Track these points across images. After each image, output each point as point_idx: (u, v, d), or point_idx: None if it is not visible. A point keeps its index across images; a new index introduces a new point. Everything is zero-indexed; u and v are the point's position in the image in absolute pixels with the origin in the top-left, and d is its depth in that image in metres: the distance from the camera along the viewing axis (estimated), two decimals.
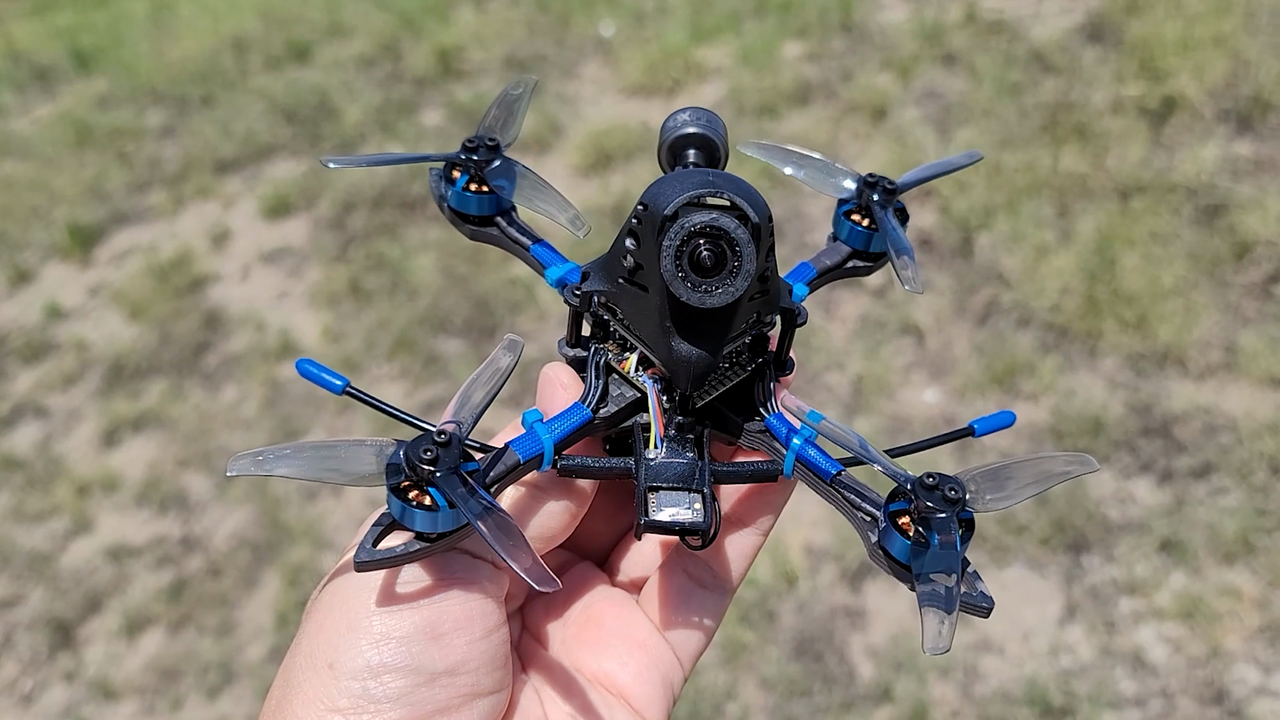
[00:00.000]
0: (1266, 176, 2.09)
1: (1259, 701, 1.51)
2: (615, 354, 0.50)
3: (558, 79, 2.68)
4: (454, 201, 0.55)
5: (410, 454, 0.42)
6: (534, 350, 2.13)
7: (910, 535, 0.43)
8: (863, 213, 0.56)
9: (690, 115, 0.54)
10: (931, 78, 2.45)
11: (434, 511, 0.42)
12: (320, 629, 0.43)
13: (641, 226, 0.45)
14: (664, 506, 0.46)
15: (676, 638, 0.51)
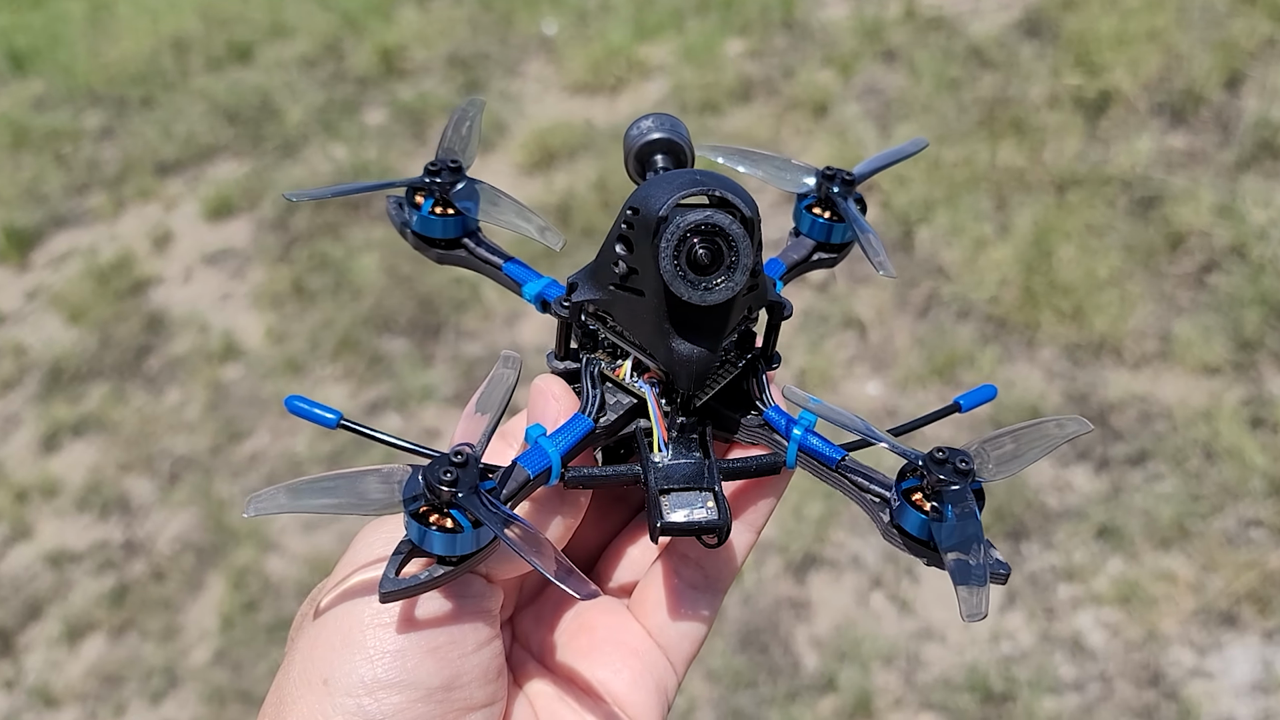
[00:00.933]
0: (1199, 168, 2.13)
1: (1193, 683, 1.54)
2: (608, 362, 0.50)
3: (501, 77, 2.68)
4: (419, 226, 0.54)
5: (429, 477, 0.42)
6: (479, 349, 2.13)
7: (926, 511, 0.44)
8: (823, 205, 0.57)
9: (653, 122, 0.55)
10: (872, 74, 2.47)
11: (457, 534, 0.42)
12: (314, 644, 0.43)
13: (633, 231, 0.45)
14: (678, 508, 0.47)
15: (669, 642, 0.50)
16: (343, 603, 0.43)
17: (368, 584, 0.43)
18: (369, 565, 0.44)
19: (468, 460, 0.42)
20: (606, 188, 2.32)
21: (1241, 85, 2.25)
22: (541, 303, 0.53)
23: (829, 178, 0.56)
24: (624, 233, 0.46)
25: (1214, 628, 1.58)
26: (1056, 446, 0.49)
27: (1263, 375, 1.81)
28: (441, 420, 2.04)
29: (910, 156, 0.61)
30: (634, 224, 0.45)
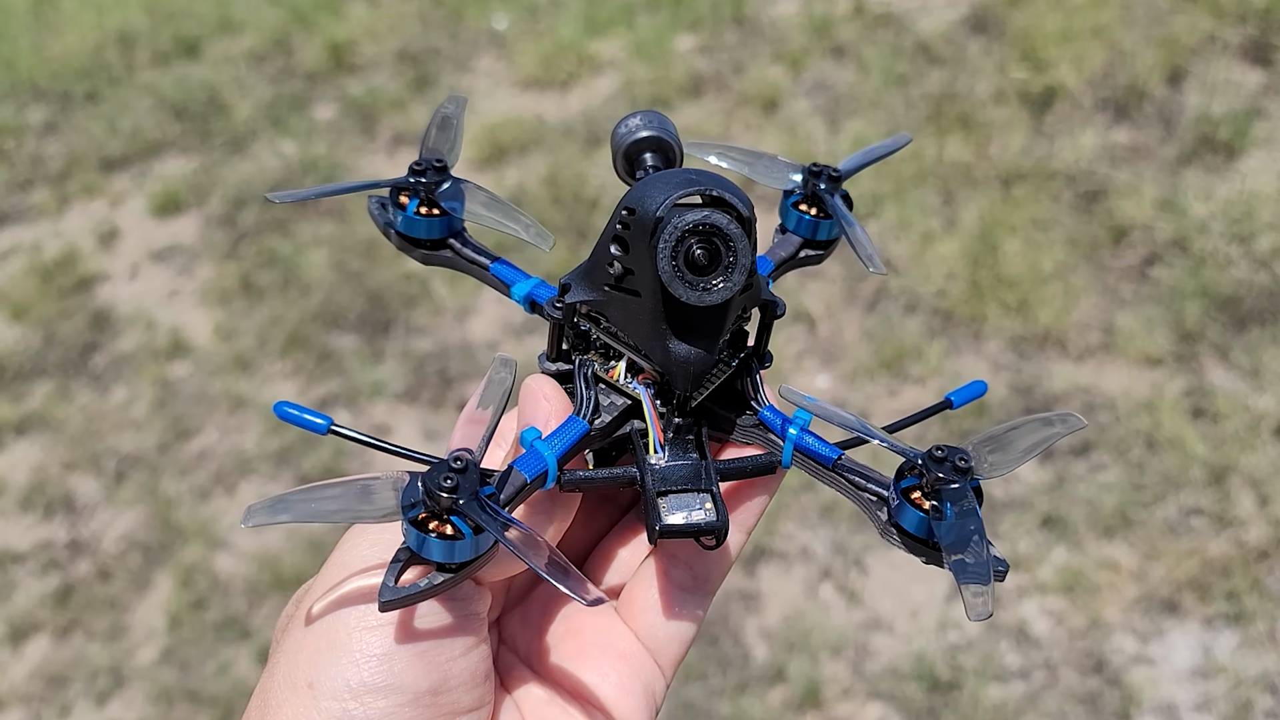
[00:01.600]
0: (1142, 163, 2.16)
1: (1136, 669, 1.56)
2: (601, 364, 0.50)
3: (451, 73, 2.67)
4: (404, 227, 0.54)
5: (429, 484, 0.41)
6: (429, 345, 2.12)
7: (925, 509, 0.45)
8: (809, 202, 0.56)
9: (641, 120, 0.55)
10: (821, 70, 2.48)
11: (457, 540, 0.41)
12: (299, 647, 0.42)
13: (629, 231, 0.45)
14: (676, 510, 0.46)
15: (657, 644, 0.49)
16: (330, 605, 0.43)
17: (356, 587, 0.43)
18: (357, 567, 0.44)
19: (467, 466, 0.42)
20: (557, 183, 2.32)
21: (1183, 81, 2.29)
22: (530, 303, 0.52)
23: (815, 174, 0.56)
24: (619, 233, 0.46)
25: (1156, 615, 1.60)
26: (1052, 443, 0.49)
27: (1203, 366, 1.84)
28: (392, 417, 2.03)
29: (894, 152, 0.61)
30: (630, 224, 0.45)
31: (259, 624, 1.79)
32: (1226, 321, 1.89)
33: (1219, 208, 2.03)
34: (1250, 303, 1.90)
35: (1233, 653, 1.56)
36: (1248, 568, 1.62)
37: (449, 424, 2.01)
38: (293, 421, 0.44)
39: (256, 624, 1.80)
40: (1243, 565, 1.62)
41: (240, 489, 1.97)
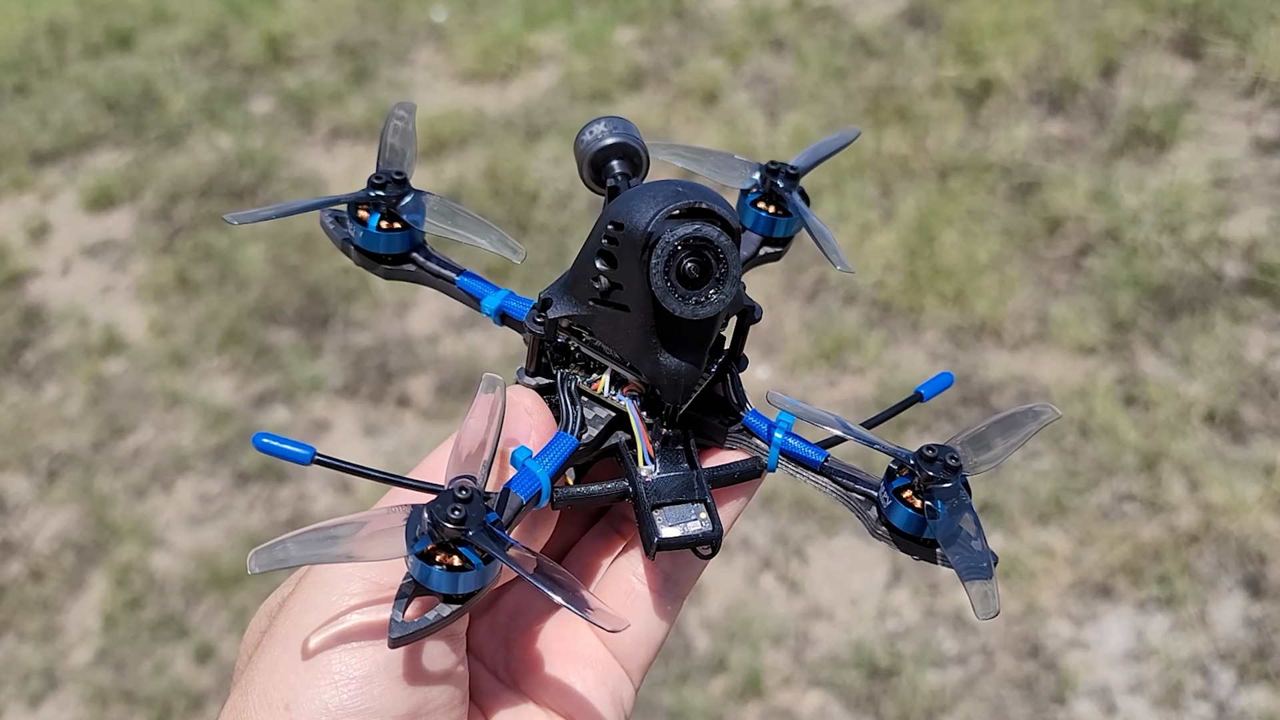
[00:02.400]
0: (1075, 155, 2.19)
1: (1071, 654, 1.59)
2: (583, 377, 0.49)
3: (390, 65, 2.65)
4: (365, 243, 0.52)
5: (437, 516, 0.40)
6: (368, 340, 2.11)
7: (918, 508, 0.45)
8: (767, 200, 0.56)
9: (606, 126, 0.54)
10: (760, 63, 2.49)
11: (467, 571, 0.40)
12: (275, 666, 0.41)
13: (617, 246, 0.45)
14: (672, 522, 0.46)
15: (625, 650, 0.49)
16: (308, 624, 0.41)
17: (335, 606, 0.42)
18: (336, 586, 0.43)
19: (473, 496, 0.41)
20: (497, 176, 2.31)
21: (1115, 74, 2.32)
22: (500, 316, 0.51)
23: (773, 172, 0.56)
24: (606, 248, 0.45)
25: (1090, 599, 1.63)
26: (1032, 435, 0.49)
27: (1135, 355, 1.87)
28: (331, 412, 2.02)
29: (845, 147, 0.61)
30: (618, 239, 0.45)
31: (197, 622, 1.77)
32: (1158, 310, 1.92)
33: (1150, 199, 2.07)
34: (1181, 292, 1.93)
35: (1164, 635, 1.59)
36: (1179, 552, 1.64)
37: (389, 419, 2.00)
38: (273, 453, 0.42)
39: (194, 622, 1.77)
40: (1174, 550, 1.65)
41: (177, 486, 1.94)
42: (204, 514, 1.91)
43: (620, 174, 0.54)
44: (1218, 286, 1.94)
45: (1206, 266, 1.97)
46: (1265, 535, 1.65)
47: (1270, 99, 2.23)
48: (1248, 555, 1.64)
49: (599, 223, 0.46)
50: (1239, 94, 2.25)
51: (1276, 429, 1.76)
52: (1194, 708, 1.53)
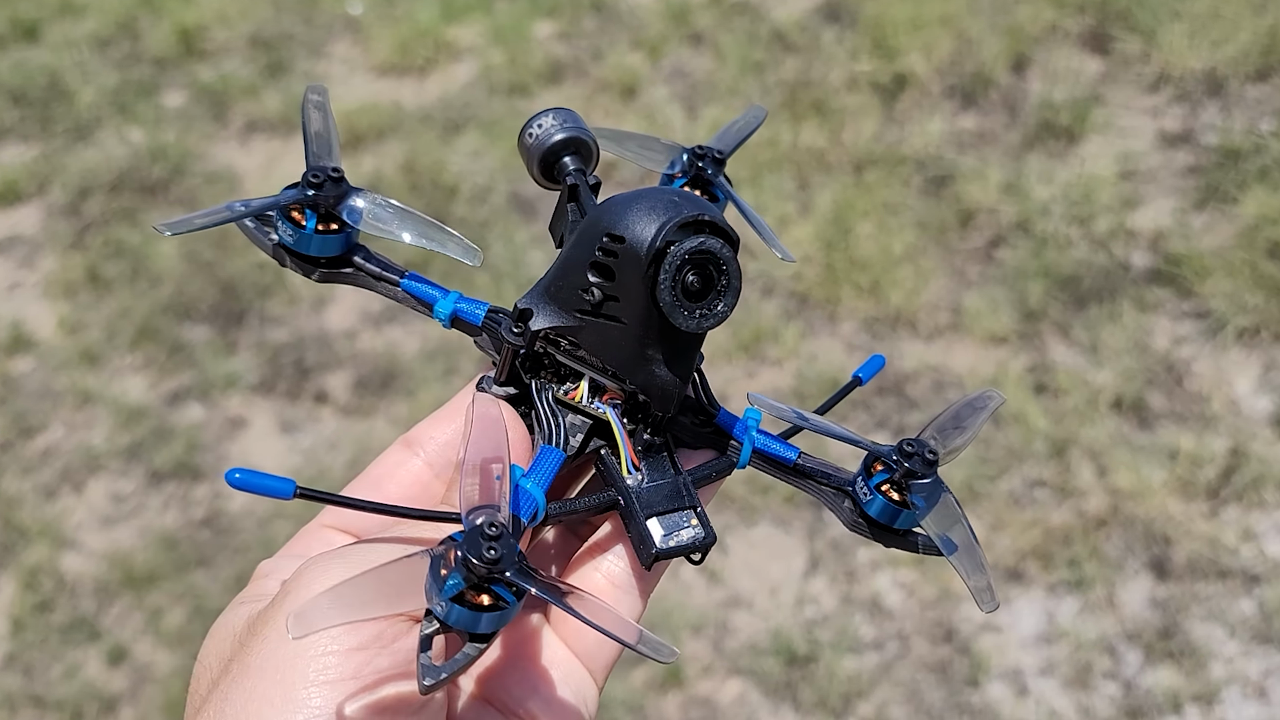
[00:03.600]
0: (988, 148, 2.22)
1: (983, 637, 1.62)
2: (558, 385, 0.48)
3: (306, 58, 2.62)
4: (302, 246, 0.49)
5: (470, 555, 0.38)
6: (285, 335, 2.09)
7: (897, 501, 0.47)
8: (694, 184, 0.55)
9: (554, 120, 0.53)
10: (679, 57, 2.50)
11: (501, 610, 0.39)
12: (250, 697, 0.39)
13: (616, 260, 0.44)
14: (667, 531, 0.46)
15: (587, 650, 0.47)
16: (283, 652, 0.40)
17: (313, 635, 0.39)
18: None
19: (503, 532, 0.39)
20: (415, 170, 2.29)
21: (1027, 69, 2.36)
22: (452, 319, 0.50)
23: (700, 157, 0.55)
24: (602, 261, 0.44)
25: (1002, 584, 1.66)
26: (984, 421, 0.51)
27: (1045, 344, 1.91)
28: (247, 409, 1.99)
29: (758, 127, 0.60)
30: (618, 253, 0.44)
31: (109, 624, 1.74)
32: (1067, 300, 1.96)
33: (1060, 191, 2.11)
34: (1089, 282, 1.98)
35: (1074, 618, 1.62)
36: (1087, 536, 1.68)
37: (306, 416, 1.98)
38: (249, 489, 0.39)
39: (107, 624, 1.74)
40: (1083, 534, 1.68)
41: (89, 486, 1.91)
42: (117, 514, 1.88)
43: (575, 170, 0.52)
44: (1125, 276, 1.98)
45: (1114, 257, 2.01)
46: (1170, 518, 1.70)
47: (1175, 93, 2.28)
48: (1153, 538, 1.68)
49: (584, 232, 0.45)
50: (1145, 88, 2.31)
51: (1181, 415, 1.81)
52: (1102, 687, 1.57)
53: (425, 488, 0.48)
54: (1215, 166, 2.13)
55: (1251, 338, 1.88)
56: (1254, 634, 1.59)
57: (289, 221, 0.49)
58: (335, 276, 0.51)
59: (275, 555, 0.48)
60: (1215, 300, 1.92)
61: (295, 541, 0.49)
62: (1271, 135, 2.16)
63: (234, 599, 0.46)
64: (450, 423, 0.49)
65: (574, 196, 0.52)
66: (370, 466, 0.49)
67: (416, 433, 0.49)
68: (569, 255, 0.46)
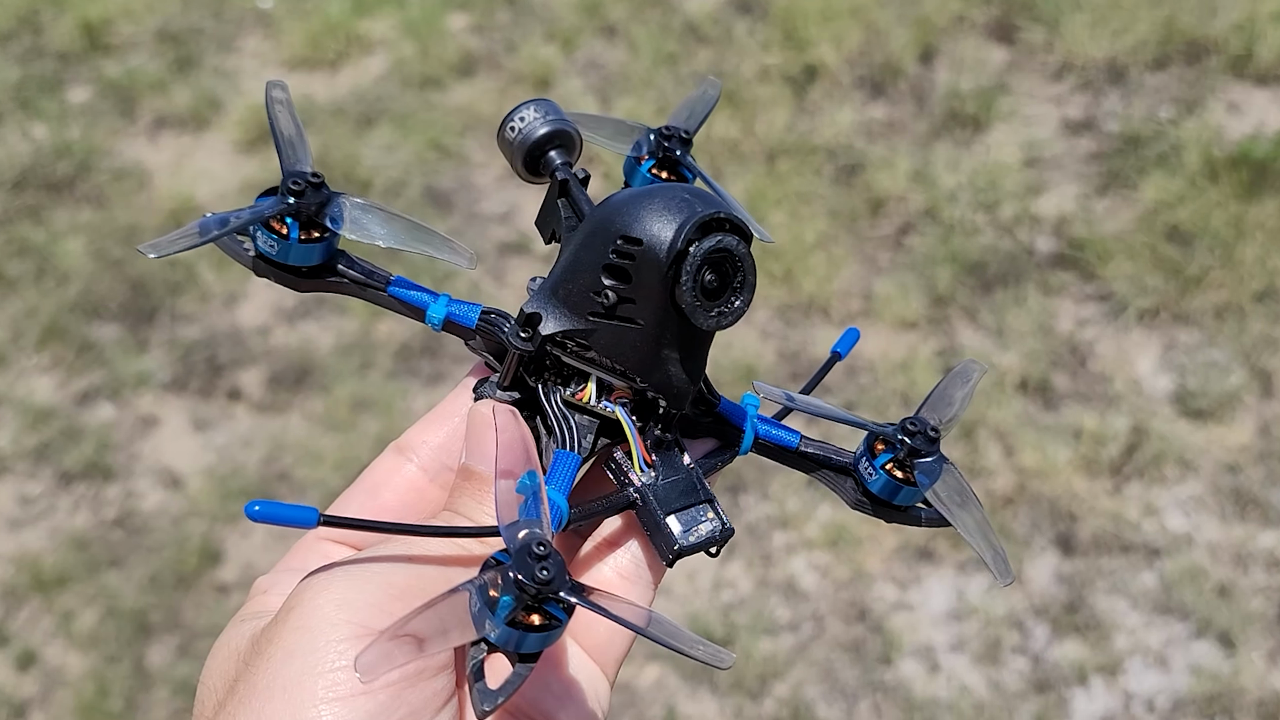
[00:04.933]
0: (897, 137, 2.26)
1: (896, 616, 1.65)
2: (565, 387, 0.48)
3: (215, 53, 2.59)
4: (284, 256, 0.47)
5: (522, 577, 0.38)
6: (197, 333, 2.06)
7: (901, 479, 0.48)
8: (661, 165, 0.55)
9: (535, 113, 0.52)
10: (593, 49, 2.51)
11: (553, 628, 0.38)
12: (259, 718, 0.39)
13: (633, 263, 0.44)
14: (686, 527, 0.46)
15: (597, 645, 0.47)
16: (293, 674, 0.39)
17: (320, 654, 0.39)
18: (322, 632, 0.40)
19: (550, 550, 0.38)
20: (328, 164, 2.27)
21: (934, 59, 2.40)
22: (445, 323, 0.48)
23: (667, 137, 0.55)
24: (618, 264, 0.44)
25: (913, 563, 1.69)
26: (971, 391, 0.53)
27: (954, 328, 1.95)
28: (159, 407, 1.97)
29: (717, 101, 0.60)
30: (635, 255, 0.44)
31: (18, 629, 1.71)
32: (974, 285, 2.00)
33: (966, 178, 2.15)
34: (995, 267, 2.02)
35: (983, 594, 1.66)
36: (995, 514, 1.72)
37: (220, 413, 1.96)
38: (271, 522, 0.39)
39: (15, 629, 1.71)
40: (991, 512, 1.72)
41: None
42: (25, 516, 1.84)
43: (562, 164, 0.52)
44: (1030, 261, 2.03)
45: (1019, 242, 2.06)
46: (1075, 496, 1.74)
47: (1078, 82, 2.34)
48: (1059, 515, 1.73)
49: (593, 234, 0.45)
50: (1049, 77, 2.36)
51: (1085, 395, 1.85)
52: (1011, 662, 1.60)
53: (421, 494, 0.48)
54: (1116, 153, 2.19)
55: (1152, 319, 1.93)
56: (1155, 605, 1.64)
57: (270, 232, 0.47)
58: (319, 286, 0.49)
59: (272, 571, 0.48)
60: (1117, 283, 1.97)
61: (291, 556, 0.48)
62: (1170, 122, 2.22)
63: (234, 617, 0.46)
64: (442, 426, 0.49)
65: (564, 192, 0.51)
66: (363, 475, 0.49)
67: (408, 438, 0.49)
68: (578, 258, 0.46)
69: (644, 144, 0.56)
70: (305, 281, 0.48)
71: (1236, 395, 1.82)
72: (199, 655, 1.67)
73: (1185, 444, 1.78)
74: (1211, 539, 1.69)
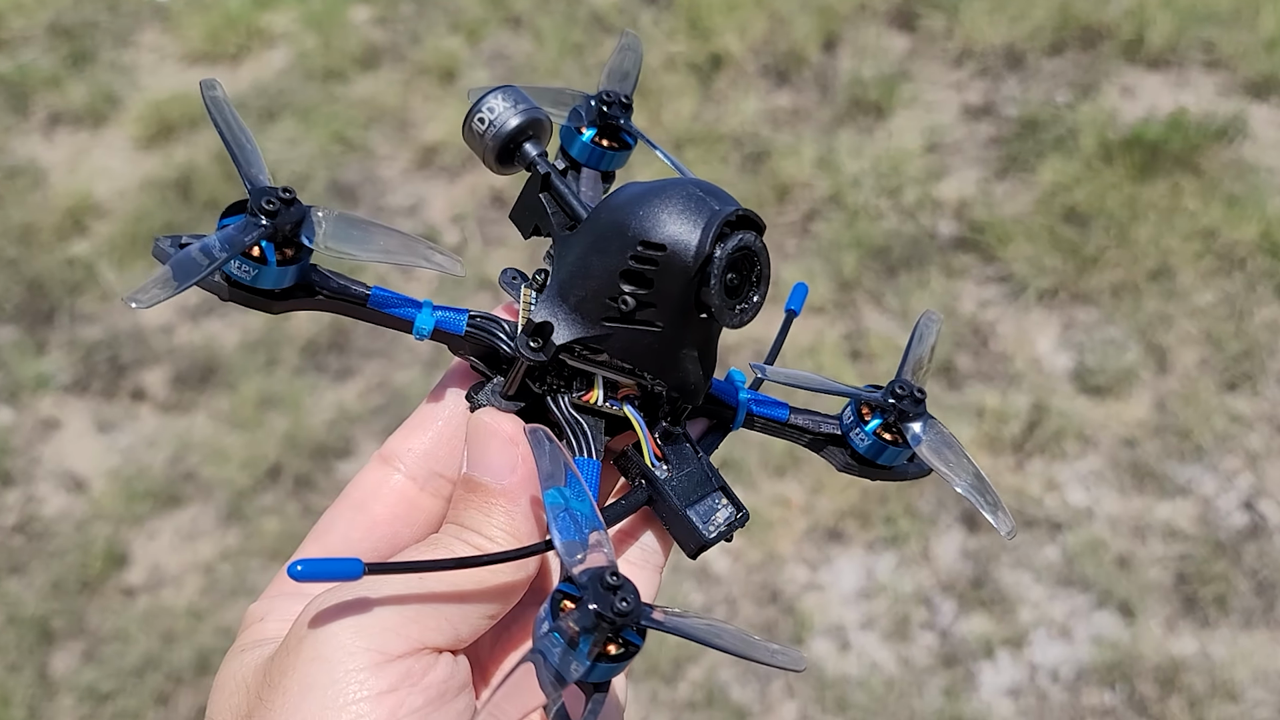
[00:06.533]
0: (801, 125, 2.28)
1: (807, 596, 1.67)
2: (571, 391, 0.47)
3: (111, 48, 2.53)
4: (260, 281, 0.44)
5: (604, 610, 0.37)
6: (98, 333, 2.02)
7: (890, 439, 0.50)
8: (603, 134, 0.54)
9: (505, 103, 0.50)
10: (499, 40, 2.50)
11: (632, 652, 0.38)
12: None
13: (657, 269, 0.43)
14: (705, 519, 0.46)
15: None
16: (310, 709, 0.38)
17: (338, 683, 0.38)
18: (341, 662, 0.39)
19: (623, 579, 0.38)
20: (228, 159, 2.24)
21: (837, 47, 2.43)
22: (434, 333, 0.47)
23: (608, 104, 0.54)
24: (639, 270, 0.43)
25: (823, 545, 1.72)
26: (936, 339, 0.55)
27: (860, 312, 1.98)
28: (60, 410, 1.93)
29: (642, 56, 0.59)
30: (659, 262, 0.43)
31: None
32: (879, 269, 2.03)
33: (869, 164, 2.18)
34: (899, 251, 2.05)
35: (892, 573, 1.69)
36: (902, 493, 1.75)
37: (123, 414, 1.92)
38: (318, 579, 0.38)
39: None
40: (897, 491, 1.75)
41: None
42: None
43: (539, 155, 0.50)
44: (932, 245, 2.06)
45: (922, 226, 2.09)
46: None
47: (977, 68, 2.38)
48: None
49: (606, 238, 0.44)
50: (949, 64, 2.39)
51: (987, 374, 1.89)
52: (920, 638, 1.63)
53: (412, 503, 0.47)
54: (1015, 137, 2.23)
55: (1051, 299, 1.98)
56: (1058, 578, 1.68)
57: (246, 257, 0.43)
58: (293, 305, 0.46)
59: (262, 597, 0.46)
60: (1017, 264, 2.01)
61: (281, 580, 0.46)
62: (1066, 106, 2.27)
63: (231, 648, 0.44)
64: (426, 431, 0.48)
65: (546, 186, 0.50)
66: (348, 489, 0.48)
67: (392, 446, 0.48)
68: (587, 263, 0.45)
69: (583, 112, 0.54)
70: (278, 304, 0.45)
71: (1133, 371, 1.87)
72: (104, 660, 1.65)
73: (1084, 420, 1.82)
74: (1111, 512, 1.73)
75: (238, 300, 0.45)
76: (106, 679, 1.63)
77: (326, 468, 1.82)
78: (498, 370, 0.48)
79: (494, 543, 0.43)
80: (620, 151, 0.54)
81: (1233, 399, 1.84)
